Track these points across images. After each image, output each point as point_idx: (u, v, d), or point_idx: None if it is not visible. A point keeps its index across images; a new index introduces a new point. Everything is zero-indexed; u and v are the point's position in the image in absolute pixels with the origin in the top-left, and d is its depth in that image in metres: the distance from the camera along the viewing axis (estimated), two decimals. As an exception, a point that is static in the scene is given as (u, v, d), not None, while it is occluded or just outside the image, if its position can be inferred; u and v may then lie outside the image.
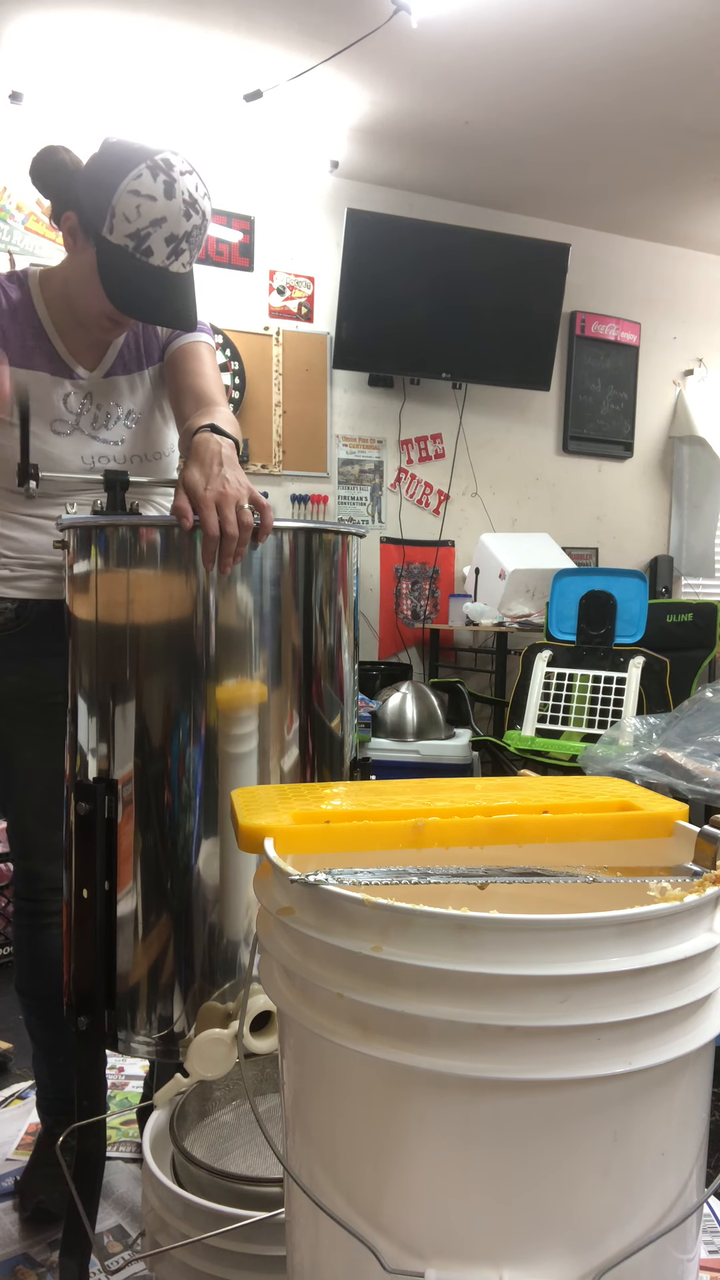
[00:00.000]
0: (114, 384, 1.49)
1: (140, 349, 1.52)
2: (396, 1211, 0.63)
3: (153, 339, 1.53)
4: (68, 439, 1.45)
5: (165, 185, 1.26)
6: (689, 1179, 0.66)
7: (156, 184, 1.26)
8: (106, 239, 1.29)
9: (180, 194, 1.28)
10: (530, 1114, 0.60)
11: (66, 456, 1.45)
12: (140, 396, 1.52)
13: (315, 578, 1.21)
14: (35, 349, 1.43)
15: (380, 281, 3.86)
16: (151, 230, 1.27)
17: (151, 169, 1.26)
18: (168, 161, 1.28)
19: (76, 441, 1.46)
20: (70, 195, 1.35)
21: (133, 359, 1.51)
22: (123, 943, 1.17)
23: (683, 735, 2.34)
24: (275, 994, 0.70)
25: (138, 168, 1.26)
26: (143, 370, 1.52)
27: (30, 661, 1.46)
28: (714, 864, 0.70)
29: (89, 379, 1.47)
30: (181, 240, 1.29)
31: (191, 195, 1.29)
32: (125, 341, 1.50)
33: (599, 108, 3.34)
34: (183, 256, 1.31)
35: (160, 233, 1.27)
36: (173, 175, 1.27)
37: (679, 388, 4.83)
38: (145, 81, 3.17)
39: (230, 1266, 1.02)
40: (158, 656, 1.15)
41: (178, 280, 1.33)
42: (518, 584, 3.77)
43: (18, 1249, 1.48)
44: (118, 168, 1.27)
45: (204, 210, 1.31)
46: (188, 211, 1.28)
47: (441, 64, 3.06)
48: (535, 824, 0.77)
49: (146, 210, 1.26)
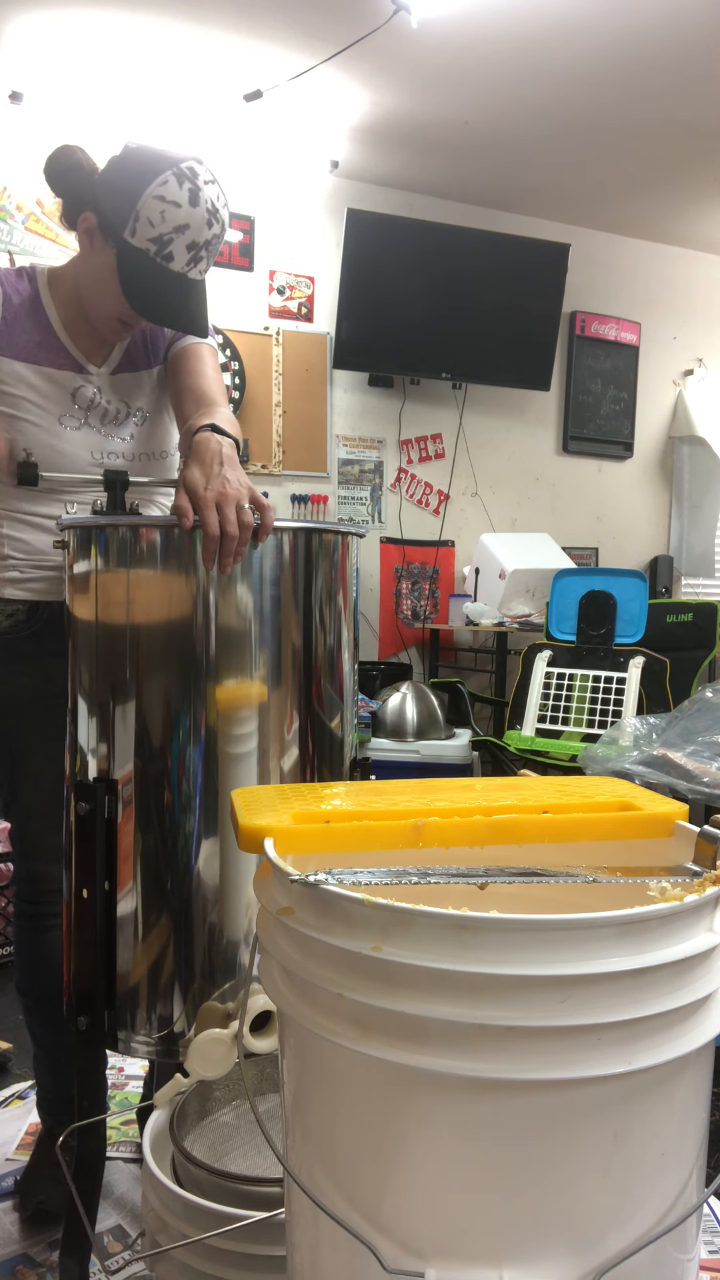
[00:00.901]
0: (122, 381, 1.50)
1: (147, 348, 1.52)
2: (396, 1211, 0.63)
3: (159, 339, 1.53)
4: (78, 433, 1.45)
5: (190, 193, 1.28)
6: (689, 1179, 0.66)
7: (182, 191, 1.28)
8: (128, 242, 1.30)
9: (204, 203, 1.29)
10: (530, 1114, 0.60)
11: (77, 452, 1.45)
12: (148, 395, 1.52)
13: (315, 578, 1.21)
14: (42, 345, 1.43)
15: (380, 281, 3.86)
16: (174, 236, 1.29)
17: (178, 176, 1.28)
18: (193, 170, 1.29)
19: (88, 436, 1.46)
20: (89, 196, 1.36)
21: (140, 357, 1.52)
22: (123, 943, 1.17)
23: (683, 735, 2.34)
24: (275, 994, 0.70)
25: (164, 174, 1.28)
26: (150, 369, 1.53)
27: (39, 663, 1.46)
28: (714, 864, 0.70)
29: (98, 375, 1.47)
30: (202, 248, 1.31)
31: (214, 205, 1.31)
32: (133, 340, 1.51)
33: (599, 108, 3.34)
34: (201, 264, 1.33)
35: (182, 239, 1.29)
36: (197, 184, 1.29)
37: (679, 388, 4.84)
38: (145, 81, 3.18)
39: (230, 1266, 1.02)
40: (158, 656, 1.15)
41: (194, 287, 1.35)
42: (518, 584, 3.77)
43: (18, 1249, 1.48)
44: (143, 173, 1.28)
45: (224, 220, 1.34)
46: (210, 220, 1.30)
47: (441, 64, 3.06)
48: (535, 824, 0.77)
49: (171, 216, 1.28)
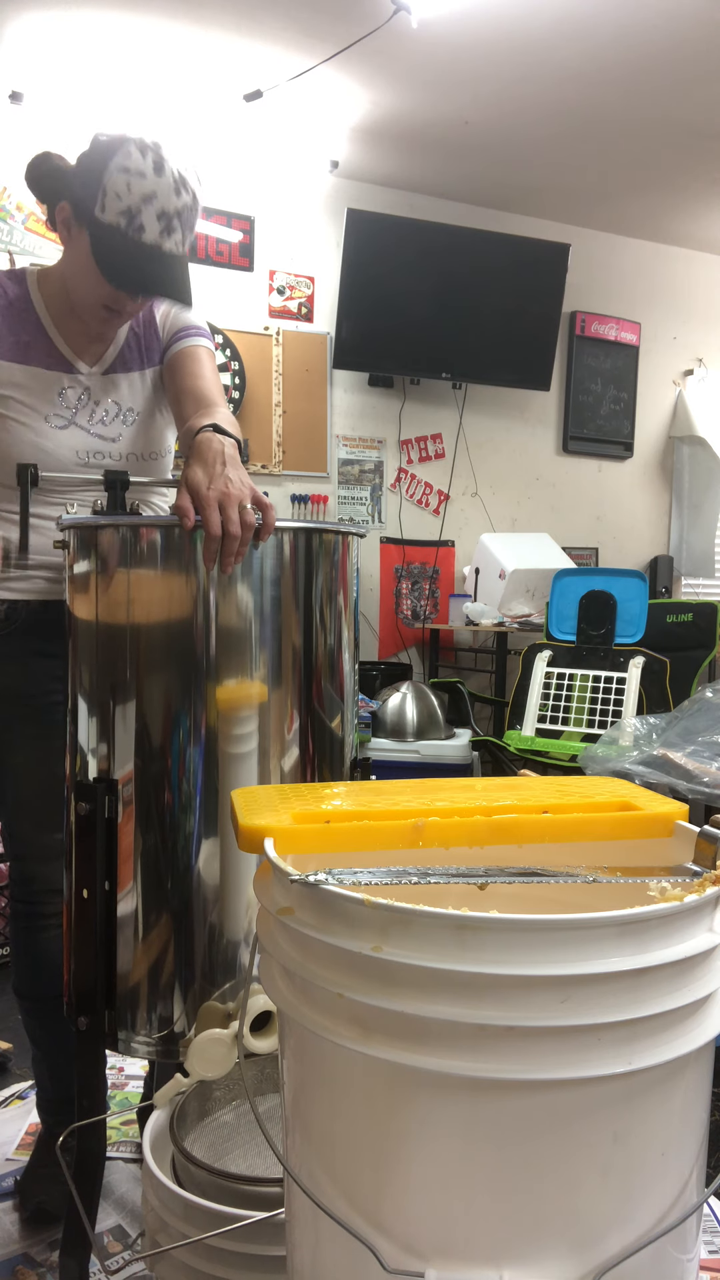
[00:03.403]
0: (114, 381, 1.50)
1: (142, 349, 1.52)
2: (396, 1211, 0.63)
3: (154, 340, 1.53)
4: (64, 433, 1.45)
5: (155, 163, 1.30)
6: (689, 1179, 0.66)
7: (146, 161, 1.29)
8: (99, 219, 1.31)
9: (169, 172, 1.31)
10: (530, 1114, 0.60)
11: (62, 451, 1.45)
12: (140, 396, 1.52)
13: (315, 578, 1.21)
14: (30, 344, 1.44)
15: (380, 281, 3.86)
16: (143, 207, 1.29)
17: (140, 148, 1.30)
18: (156, 143, 1.31)
19: (74, 436, 1.46)
20: (63, 188, 1.37)
21: (134, 358, 1.52)
22: (123, 943, 1.17)
23: (683, 735, 2.34)
24: (275, 994, 0.70)
25: (125, 146, 1.30)
26: (144, 370, 1.52)
27: (19, 663, 1.47)
28: (714, 864, 0.70)
29: (89, 374, 1.48)
30: (174, 217, 1.31)
31: (180, 174, 1.32)
32: (127, 341, 1.51)
33: (599, 107, 3.34)
34: (175, 235, 1.33)
35: (151, 209, 1.30)
36: (161, 155, 1.31)
37: (679, 388, 4.83)
38: (145, 81, 3.17)
39: (230, 1266, 1.02)
40: (158, 656, 1.15)
41: (171, 259, 1.34)
42: (518, 584, 3.77)
43: (18, 1249, 1.48)
44: (106, 150, 1.31)
45: (194, 191, 1.34)
46: (178, 189, 1.31)
47: (441, 64, 3.06)
48: (535, 824, 0.77)
49: (137, 187, 1.29)
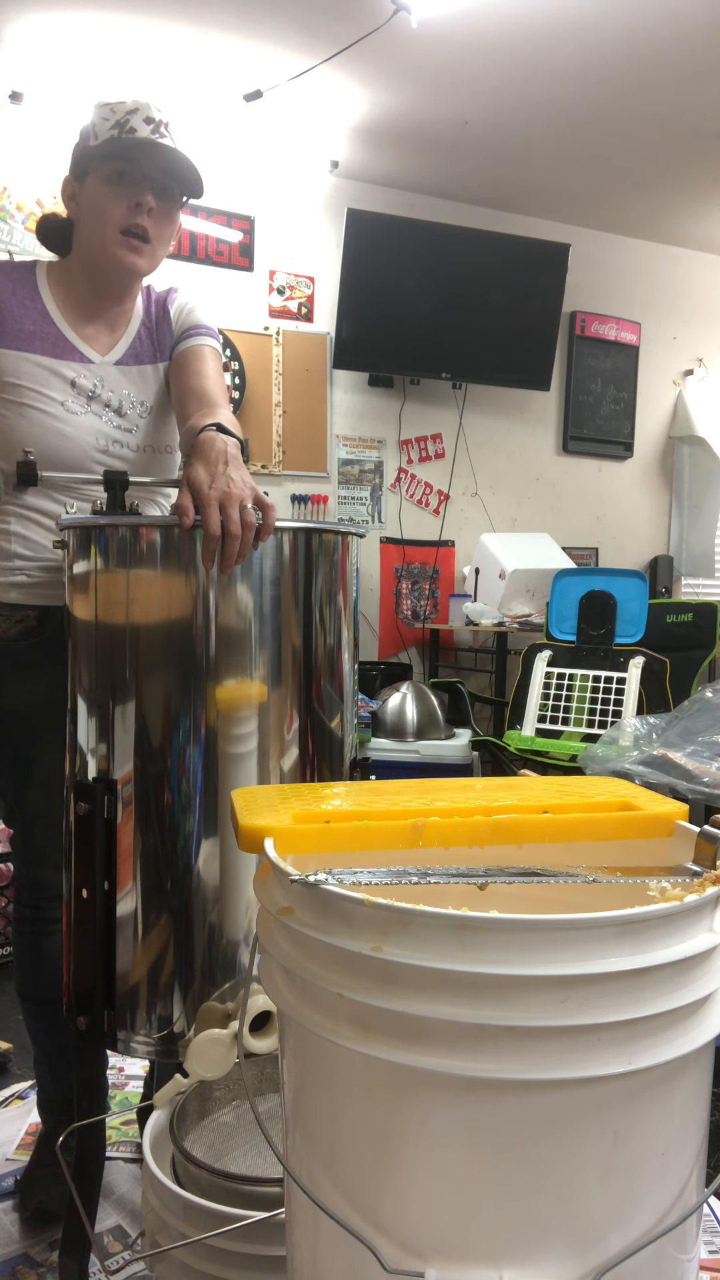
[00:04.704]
0: (125, 372, 1.50)
1: (154, 343, 1.53)
2: (396, 1211, 0.63)
3: (166, 334, 1.54)
4: (84, 419, 1.45)
5: (129, 96, 1.41)
6: (689, 1179, 0.66)
7: (122, 96, 1.41)
8: (94, 148, 1.39)
9: (145, 99, 1.40)
10: (531, 1114, 0.60)
11: (84, 437, 1.45)
12: (152, 389, 1.52)
13: (315, 578, 1.21)
14: (36, 334, 1.44)
15: (380, 281, 3.86)
16: (129, 117, 1.38)
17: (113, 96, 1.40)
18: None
19: (94, 423, 1.46)
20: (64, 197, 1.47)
21: (145, 351, 1.52)
22: (123, 943, 1.17)
23: (683, 735, 2.34)
24: (275, 994, 0.70)
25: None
26: (155, 364, 1.53)
27: (49, 671, 1.45)
28: (714, 864, 0.70)
29: (99, 364, 1.47)
30: (160, 124, 1.40)
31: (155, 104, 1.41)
32: (138, 333, 1.51)
33: (599, 107, 3.34)
34: (167, 138, 1.40)
35: (138, 116, 1.39)
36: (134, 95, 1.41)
37: (679, 388, 4.83)
38: (145, 82, 3.17)
39: (230, 1266, 1.02)
40: (157, 656, 1.15)
41: (171, 150, 1.41)
42: (518, 584, 3.77)
43: (18, 1249, 1.48)
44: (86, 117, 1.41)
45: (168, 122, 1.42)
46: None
47: (441, 64, 3.06)
48: (535, 824, 0.77)
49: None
